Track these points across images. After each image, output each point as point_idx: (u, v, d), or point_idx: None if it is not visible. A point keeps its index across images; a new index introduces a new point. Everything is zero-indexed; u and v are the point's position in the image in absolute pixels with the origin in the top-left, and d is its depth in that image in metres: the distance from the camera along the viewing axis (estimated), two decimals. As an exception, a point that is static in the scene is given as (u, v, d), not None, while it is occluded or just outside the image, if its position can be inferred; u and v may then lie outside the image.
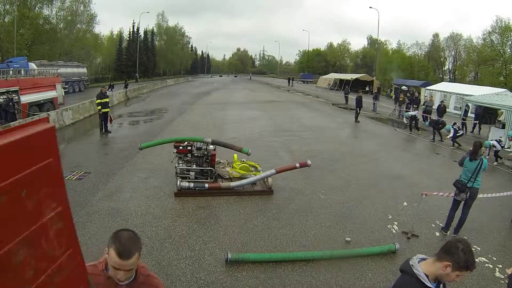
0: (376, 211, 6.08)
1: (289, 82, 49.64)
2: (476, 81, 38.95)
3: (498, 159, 10.18)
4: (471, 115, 16.94)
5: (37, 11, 34.41)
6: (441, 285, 1.76)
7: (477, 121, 15.72)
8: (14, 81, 12.69)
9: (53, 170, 1.16)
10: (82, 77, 30.15)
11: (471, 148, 5.29)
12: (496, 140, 10.42)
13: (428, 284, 1.65)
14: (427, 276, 1.66)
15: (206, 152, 6.84)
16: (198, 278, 3.95)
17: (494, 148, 10.21)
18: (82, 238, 4.66)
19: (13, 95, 12.07)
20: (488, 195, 5.70)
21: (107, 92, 13.92)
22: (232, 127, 13.69)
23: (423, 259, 1.75)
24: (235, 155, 7.66)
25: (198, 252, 4.49)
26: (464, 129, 15.63)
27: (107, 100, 11.71)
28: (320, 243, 4.85)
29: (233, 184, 6.51)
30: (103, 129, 11.78)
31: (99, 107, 11.59)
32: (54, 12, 36.90)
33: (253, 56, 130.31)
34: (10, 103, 11.74)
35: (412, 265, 1.71)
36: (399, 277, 1.78)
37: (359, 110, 16.88)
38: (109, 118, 11.89)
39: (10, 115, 11.72)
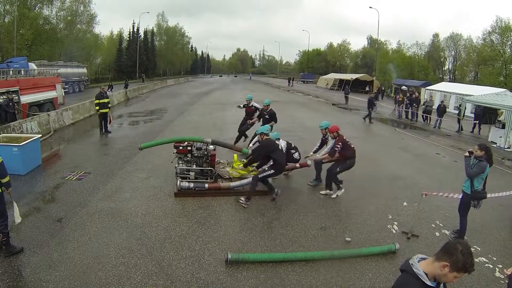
0: (376, 211, 6.07)
1: (289, 82, 49.71)
2: (476, 81, 39.00)
3: None
4: (470, 114, 16.95)
5: (37, 11, 34.47)
6: (441, 285, 1.76)
7: (477, 121, 15.72)
8: (14, 81, 12.70)
9: None
10: (82, 77, 30.18)
11: (476, 152, 4.74)
12: None
13: (428, 283, 1.66)
14: (426, 275, 1.67)
15: (206, 152, 6.83)
16: (198, 278, 3.95)
17: None
18: (83, 238, 4.67)
19: (13, 95, 12.07)
20: (488, 195, 5.69)
21: (107, 92, 13.92)
22: (233, 127, 13.65)
23: (423, 259, 1.76)
24: (235, 155, 7.66)
25: (198, 252, 4.49)
26: (459, 128, 15.68)
27: (105, 100, 11.68)
28: (320, 243, 4.85)
29: (233, 184, 6.51)
30: (103, 129, 11.78)
31: (97, 107, 11.59)
32: (54, 12, 37.11)
33: (253, 56, 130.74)
34: (10, 103, 11.74)
35: (412, 264, 1.72)
36: (399, 276, 1.79)
37: (371, 110, 16.95)
38: (108, 118, 11.88)
39: (10, 115, 11.72)
